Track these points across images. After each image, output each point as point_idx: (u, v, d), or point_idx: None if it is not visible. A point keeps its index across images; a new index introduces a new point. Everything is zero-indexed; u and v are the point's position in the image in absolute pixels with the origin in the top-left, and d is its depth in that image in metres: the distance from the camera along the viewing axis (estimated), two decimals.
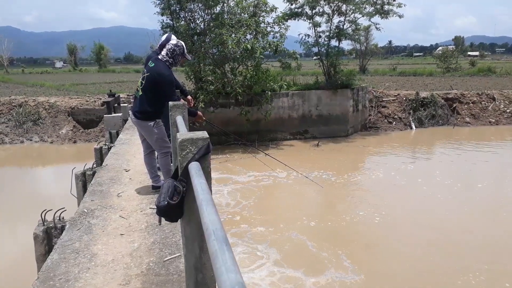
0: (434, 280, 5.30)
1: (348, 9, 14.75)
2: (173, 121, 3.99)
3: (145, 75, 4.22)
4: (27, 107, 15.67)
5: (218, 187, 9.06)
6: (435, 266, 5.63)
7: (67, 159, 12.91)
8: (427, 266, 5.59)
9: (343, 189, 9.27)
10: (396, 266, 5.67)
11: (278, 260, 5.81)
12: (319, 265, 5.69)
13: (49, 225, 3.45)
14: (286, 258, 5.89)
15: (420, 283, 5.28)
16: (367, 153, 12.69)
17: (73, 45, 79.24)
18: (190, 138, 2.11)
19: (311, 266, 5.67)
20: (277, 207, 8.22)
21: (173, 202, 2.11)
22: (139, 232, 3.33)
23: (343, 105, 14.67)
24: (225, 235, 1.27)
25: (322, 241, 6.45)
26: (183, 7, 13.31)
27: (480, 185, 9.41)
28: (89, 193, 4.35)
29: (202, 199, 1.55)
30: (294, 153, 12.48)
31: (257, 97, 13.35)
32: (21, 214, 7.89)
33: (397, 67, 38.41)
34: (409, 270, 5.58)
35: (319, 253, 6.03)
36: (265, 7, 13.46)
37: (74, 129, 15.10)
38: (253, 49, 12.33)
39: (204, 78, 13.50)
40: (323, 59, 15.28)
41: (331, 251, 6.08)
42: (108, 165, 5.51)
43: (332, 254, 5.99)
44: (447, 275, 5.40)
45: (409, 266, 5.67)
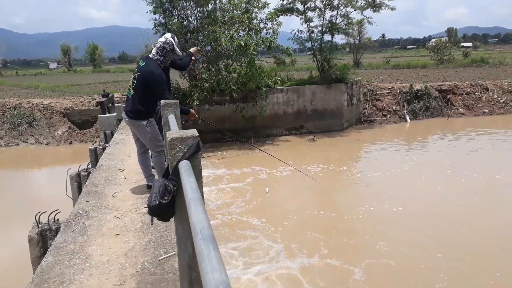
0: (428, 272, 5.35)
1: (340, 3, 14.73)
2: (165, 120, 4.00)
3: (136, 74, 4.22)
4: (21, 109, 15.61)
5: (214, 184, 9.09)
6: (434, 260, 5.68)
7: (63, 160, 12.87)
8: (425, 260, 5.63)
9: (337, 183, 9.32)
10: (393, 259, 5.71)
11: (271, 253, 5.85)
12: (312, 258, 5.72)
13: (43, 227, 3.46)
14: (281, 250, 5.93)
15: (416, 276, 5.34)
16: (362, 147, 12.74)
17: (66, 46, 78.73)
18: (180, 136, 2.12)
19: (305, 257, 5.71)
20: (271, 202, 8.24)
21: (164, 202, 2.12)
22: (134, 232, 3.35)
23: (337, 99, 14.68)
24: (212, 234, 1.28)
25: (317, 234, 6.49)
26: (175, 5, 13.26)
27: (474, 174, 9.47)
28: (84, 194, 4.36)
29: (190, 198, 1.56)
30: (290, 149, 12.51)
31: (252, 94, 13.36)
32: (16, 217, 7.88)
33: (391, 60, 38.45)
34: (406, 260, 5.63)
35: (313, 247, 6.06)
36: (257, 3, 13.42)
37: (69, 130, 15.06)
38: (246, 45, 12.31)
39: (198, 75, 13.47)
40: (317, 54, 15.27)
41: (324, 244, 6.12)
42: (103, 165, 5.52)
43: (315, 247, 6.02)
44: (442, 269, 5.45)
45: (405, 256, 5.72)
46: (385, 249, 5.93)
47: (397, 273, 5.37)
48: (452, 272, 5.25)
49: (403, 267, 5.48)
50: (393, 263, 5.56)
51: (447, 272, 5.24)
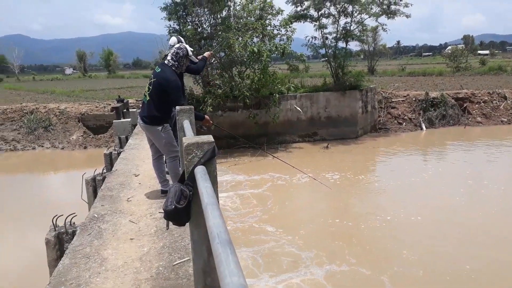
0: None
1: (354, 10, 14.70)
2: (180, 126, 4.03)
3: (152, 80, 4.26)
4: (38, 114, 15.90)
5: (227, 191, 9.09)
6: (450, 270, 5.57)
7: (77, 164, 13.05)
8: (453, 271, 5.52)
9: (352, 191, 9.23)
10: (421, 269, 5.61)
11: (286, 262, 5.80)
12: (329, 266, 5.66)
13: (60, 230, 3.49)
14: (297, 258, 5.88)
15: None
16: (377, 155, 12.61)
17: (82, 51, 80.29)
18: (196, 142, 2.12)
19: (333, 265, 5.65)
20: (285, 209, 8.19)
21: (180, 206, 2.12)
22: (148, 237, 3.36)
23: (352, 106, 14.60)
24: (229, 238, 1.28)
25: (326, 243, 6.43)
26: (189, 12, 13.40)
27: (495, 185, 9.27)
28: (99, 198, 4.40)
29: (207, 202, 1.56)
30: (303, 156, 12.45)
31: (265, 100, 13.37)
32: (32, 220, 7.99)
33: (406, 67, 38.15)
34: (434, 270, 5.52)
35: (329, 255, 6.00)
36: (271, 10, 13.48)
37: (84, 135, 15.27)
38: (260, 52, 12.36)
39: (212, 82, 13.56)
40: (331, 60, 15.24)
41: (340, 253, 6.05)
42: (118, 170, 5.57)
43: (340, 255, 5.96)
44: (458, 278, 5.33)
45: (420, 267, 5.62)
46: (411, 258, 5.85)
47: (427, 283, 5.27)
48: (481, 285, 5.14)
49: (431, 277, 5.37)
50: (421, 272, 5.46)
51: (476, 285, 5.13)
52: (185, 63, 4.33)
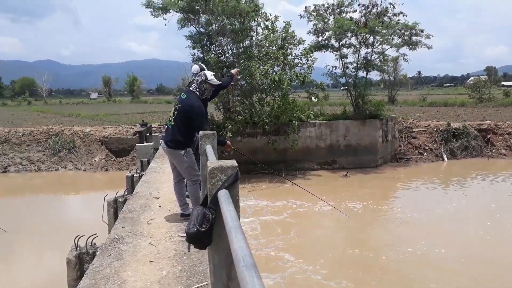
0: None
1: (375, 40, 14.84)
2: (203, 150, 4.09)
3: (177, 106, 4.38)
4: (63, 136, 16.37)
5: (245, 216, 9.04)
6: None
7: (99, 186, 13.26)
8: None
9: (372, 221, 9.05)
10: None
11: None
12: None
13: (81, 251, 3.54)
14: None
15: None
16: (397, 185, 12.39)
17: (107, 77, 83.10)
18: (220, 166, 2.16)
19: None
20: (303, 237, 8.08)
21: (202, 229, 2.14)
22: (167, 260, 3.37)
23: (372, 135, 14.52)
24: (254, 261, 1.29)
25: (350, 273, 6.27)
26: (213, 41, 13.79)
27: None
28: (120, 220, 4.46)
29: (231, 226, 1.58)
30: (322, 183, 12.34)
31: (284, 127, 13.45)
32: (53, 240, 8.11)
33: (427, 97, 37.89)
34: None
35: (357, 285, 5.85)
36: (293, 40, 13.76)
37: (106, 157, 15.58)
38: (281, 80, 12.54)
39: (232, 108, 13.78)
40: (351, 89, 15.31)
41: (367, 284, 5.89)
42: (139, 192, 5.65)
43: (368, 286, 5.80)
44: None
45: None
46: None
47: None
48: None
49: None
50: None
51: None
52: (207, 88, 4.45)
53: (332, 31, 14.48)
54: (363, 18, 14.75)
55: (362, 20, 14.66)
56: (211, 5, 12.88)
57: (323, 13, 14.96)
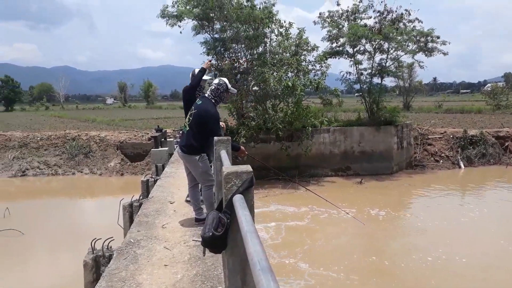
0: None
1: (390, 47, 14.77)
2: (218, 155, 4.13)
3: (193, 112, 4.44)
4: (79, 140, 16.65)
5: (257, 222, 9.04)
6: None
7: (114, 191, 13.43)
8: None
9: (387, 228, 8.94)
10: None
11: None
12: None
13: (98, 254, 3.60)
14: None
15: None
16: (413, 192, 12.23)
17: (123, 83, 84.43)
18: (235, 171, 2.18)
19: None
20: (317, 244, 8.03)
21: (217, 234, 2.16)
22: (182, 264, 3.40)
23: (386, 142, 14.39)
24: (269, 265, 1.30)
25: (366, 281, 6.21)
26: (227, 47, 13.91)
27: None
28: (136, 224, 4.51)
29: (246, 230, 1.59)
30: (336, 190, 12.27)
31: (298, 133, 13.44)
32: (69, 242, 8.24)
33: (443, 104, 37.39)
34: None
35: None
36: (307, 46, 13.78)
37: (122, 162, 15.78)
38: (294, 86, 12.56)
39: (246, 114, 13.84)
40: (365, 96, 15.23)
41: None
42: (154, 197, 5.71)
43: None
44: None
45: None
46: None
47: None
48: None
49: None
50: None
51: None
52: (225, 96, 4.52)
53: (346, 37, 14.46)
54: (378, 24, 14.70)
55: (376, 26, 14.61)
56: (226, 12, 13.01)
57: (337, 19, 14.97)
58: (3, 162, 15.61)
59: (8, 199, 12.12)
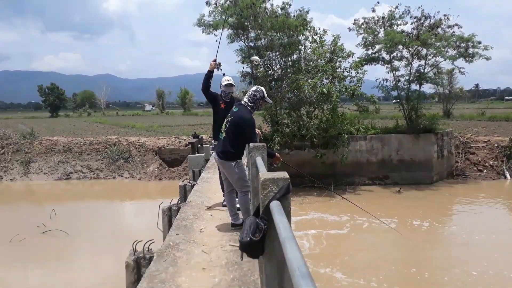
0: None
1: (428, 53, 14.38)
2: (253, 162, 4.20)
3: (229, 118, 4.53)
4: (120, 146, 17.28)
5: (296, 229, 9.01)
6: None
7: (152, 194, 13.83)
8: None
9: (427, 239, 8.67)
10: None
11: None
12: None
13: (139, 255, 3.74)
14: None
15: None
16: (454, 203, 11.80)
17: (161, 90, 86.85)
18: (272, 178, 2.22)
19: None
20: (351, 253, 7.91)
21: (255, 239, 2.21)
22: (219, 268, 3.47)
23: (426, 150, 13.99)
24: (309, 272, 1.33)
25: None
26: (262, 55, 14.05)
27: None
28: (175, 227, 4.65)
29: (285, 236, 1.62)
30: (373, 199, 12.04)
31: (333, 140, 13.31)
32: (110, 243, 8.56)
33: (486, 111, 35.78)
34: None
35: None
36: (342, 53, 13.68)
37: (160, 167, 16.23)
38: (329, 93, 12.48)
39: (280, 121, 13.88)
40: (403, 103, 14.89)
41: None
42: (192, 201, 5.86)
43: None
44: None
45: None
46: None
47: None
48: None
49: None
50: None
51: None
52: (261, 104, 4.57)
53: (382, 43, 14.23)
54: (415, 30, 14.37)
55: (414, 32, 14.29)
56: (260, 21, 13.19)
57: (373, 26, 14.77)
58: (49, 166, 16.45)
59: (54, 201, 12.77)
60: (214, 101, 5.57)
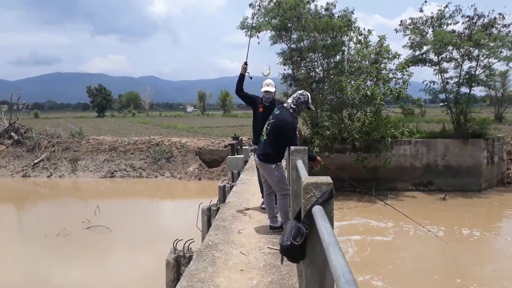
0: None
1: (480, 54, 13.65)
2: (294, 165, 4.14)
3: (271, 121, 4.50)
4: (162, 146, 17.74)
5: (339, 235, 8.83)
6: None
7: (192, 194, 14.08)
8: None
9: (473, 249, 8.21)
10: None
11: None
12: None
13: (179, 254, 3.79)
14: None
15: None
16: (505, 212, 11.11)
17: (202, 92, 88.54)
18: (315, 182, 2.16)
19: None
20: (394, 262, 7.63)
21: (296, 243, 2.16)
22: (257, 270, 3.45)
23: (475, 156, 13.29)
24: (354, 279, 1.27)
25: None
26: (303, 57, 13.92)
27: None
28: (214, 227, 4.68)
29: (328, 242, 1.57)
30: (417, 205, 11.58)
31: (376, 144, 12.92)
32: (150, 240, 8.78)
33: None
34: None
35: None
36: (387, 54, 13.27)
37: (199, 167, 16.50)
38: (373, 95, 12.13)
39: (321, 123, 13.67)
40: (451, 106, 14.23)
41: None
42: (230, 202, 5.89)
43: None
44: None
45: None
46: None
47: None
48: None
49: None
50: None
51: None
52: (303, 108, 4.50)
53: (430, 44, 13.65)
54: (467, 30, 13.68)
55: (466, 32, 13.60)
56: (304, 22, 13.05)
57: (420, 26, 14.23)
58: (95, 164, 17.17)
59: (98, 198, 13.32)
60: (253, 104, 5.57)
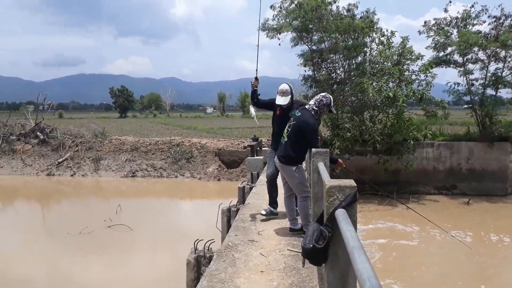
0: None
1: (508, 55, 13.27)
2: (315, 167, 4.11)
3: (291, 123, 4.48)
4: (183, 146, 17.91)
5: (363, 238, 8.74)
6: None
7: (211, 195, 14.16)
8: None
9: (499, 255, 7.97)
10: None
11: None
12: None
13: (199, 254, 3.81)
14: None
15: None
16: None
17: (222, 93, 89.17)
18: (338, 185, 2.14)
19: None
20: (418, 267, 7.47)
21: (318, 246, 2.14)
22: (277, 272, 3.43)
23: (501, 160, 12.92)
24: (379, 284, 1.25)
25: None
26: (324, 58, 13.81)
27: None
28: (233, 228, 4.69)
29: (353, 246, 1.55)
30: (439, 210, 11.32)
31: (398, 146, 12.70)
32: (169, 240, 8.87)
33: None
34: None
35: None
36: (410, 56, 13.03)
37: (219, 168, 16.58)
38: (396, 97, 11.92)
39: (341, 125, 13.53)
40: (477, 108, 13.87)
41: None
42: (250, 203, 5.89)
43: None
44: None
45: None
46: None
47: None
48: None
49: None
50: None
51: None
52: (325, 111, 4.47)
53: (455, 45, 13.34)
54: (494, 31, 13.31)
55: (492, 33, 13.24)
56: (325, 23, 12.95)
57: (445, 27, 13.92)
58: (117, 164, 17.47)
59: (120, 197, 13.54)
60: (271, 108, 5.53)
